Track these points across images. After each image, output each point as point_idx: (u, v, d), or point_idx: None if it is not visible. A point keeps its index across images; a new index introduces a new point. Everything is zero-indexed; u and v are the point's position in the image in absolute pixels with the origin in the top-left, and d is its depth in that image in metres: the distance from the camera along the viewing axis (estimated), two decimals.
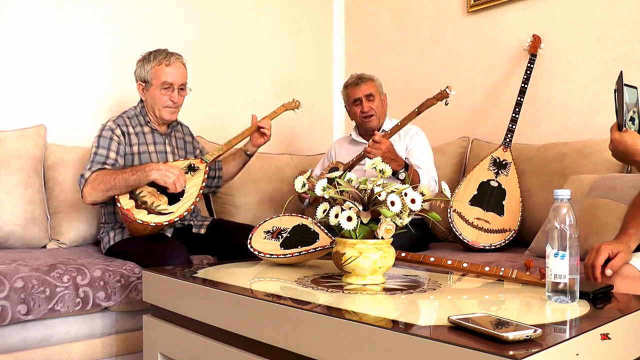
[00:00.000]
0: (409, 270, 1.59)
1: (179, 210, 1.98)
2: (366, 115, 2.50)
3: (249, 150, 2.39)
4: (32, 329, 1.72)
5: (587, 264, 1.39)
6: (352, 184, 1.39)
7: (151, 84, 2.14)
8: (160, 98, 2.15)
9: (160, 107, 2.16)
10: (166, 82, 2.13)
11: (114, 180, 1.96)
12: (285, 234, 1.72)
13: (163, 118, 2.19)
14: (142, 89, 2.18)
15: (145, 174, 1.96)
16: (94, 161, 2.04)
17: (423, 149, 2.47)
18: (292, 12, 3.40)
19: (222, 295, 1.30)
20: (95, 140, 2.10)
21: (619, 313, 1.07)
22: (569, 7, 2.55)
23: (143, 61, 2.17)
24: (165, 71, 2.13)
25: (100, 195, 1.99)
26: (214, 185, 2.45)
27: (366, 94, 2.49)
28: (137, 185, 1.99)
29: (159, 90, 2.14)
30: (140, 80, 2.17)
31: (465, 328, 0.91)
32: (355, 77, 2.56)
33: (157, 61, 2.13)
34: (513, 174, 2.34)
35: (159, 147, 2.23)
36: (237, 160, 2.43)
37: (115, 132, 2.11)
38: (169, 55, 2.15)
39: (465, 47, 2.95)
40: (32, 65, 2.46)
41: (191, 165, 2.14)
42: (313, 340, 1.06)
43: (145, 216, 1.93)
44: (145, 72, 2.14)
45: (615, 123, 1.42)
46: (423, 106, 2.24)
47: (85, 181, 2.00)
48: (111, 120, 2.16)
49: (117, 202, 1.97)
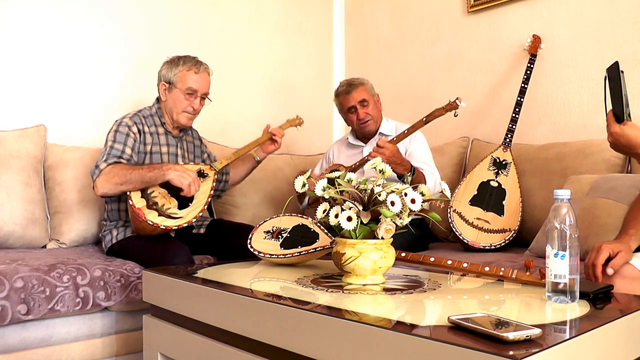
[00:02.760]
0: (409, 270, 1.59)
1: (188, 216, 1.99)
2: (363, 121, 2.49)
3: (258, 157, 2.45)
4: (32, 329, 1.72)
5: (588, 264, 1.38)
6: (352, 184, 1.39)
7: (175, 86, 2.17)
8: (182, 102, 2.18)
9: (180, 110, 2.19)
10: (191, 88, 2.17)
11: (130, 175, 1.96)
12: (285, 234, 1.72)
13: (179, 122, 2.21)
14: (165, 89, 2.19)
15: (162, 173, 1.96)
16: (110, 154, 2.04)
17: (424, 151, 2.46)
18: (292, 12, 3.40)
19: (222, 295, 1.30)
20: (112, 134, 2.10)
21: (619, 313, 1.07)
22: (569, 7, 2.55)
23: (171, 63, 2.19)
24: (192, 77, 2.17)
25: (112, 188, 1.99)
26: (219, 189, 2.46)
27: (359, 101, 2.47)
28: (152, 182, 1.99)
29: (183, 94, 2.17)
30: (164, 80, 2.19)
31: (465, 328, 0.91)
32: (345, 84, 2.52)
33: (187, 67, 2.17)
34: (513, 174, 2.34)
35: (171, 149, 2.23)
36: (246, 165, 2.47)
37: (132, 129, 2.12)
38: (199, 64, 2.20)
39: (465, 47, 2.95)
40: (32, 65, 2.46)
41: (201, 171, 2.15)
42: (313, 340, 1.06)
43: (156, 218, 1.94)
44: (172, 75, 2.17)
45: (611, 113, 1.38)
46: (431, 116, 2.20)
47: (100, 172, 1.99)
48: (128, 117, 2.16)
49: (129, 200, 1.96)
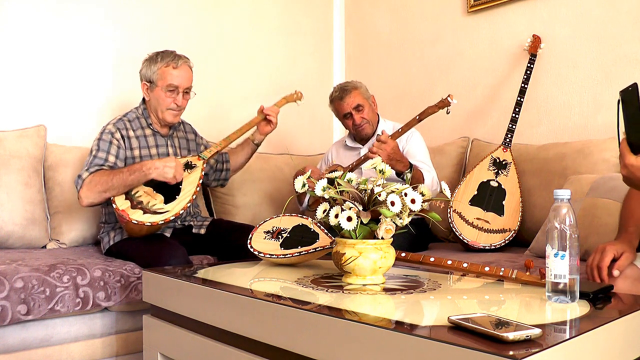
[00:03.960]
0: (409, 270, 1.59)
1: (174, 209, 1.97)
2: (359, 126, 2.49)
3: (256, 139, 2.41)
4: (32, 329, 1.72)
5: (592, 265, 1.38)
6: (352, 184, 1.39)
7: (156, 84, 2.13)
8: (165, 100, 2.14)
9: (164, 108, 2.15)
10: (172, 85, 2.12)
11: (112, 181, 1.95)
12: (285, 234, 1.71)
13: (165, 120, 2.19)
14: (147, 88, 2.17)
15: (143, 174, 1.96)
16: (92, 163, 2.03)
17: (421, 150, 2.47)
18: (292, 12, 3.40)
19: (222, 295, 1.30)
20: (95, 142, 2.09)
21: (619, 313, 1.07)
22: (569, 7, 2.55)
23: (150, 61, 2.15)
24: (171, 73, 2.12)
25: (97, 197, 1.98)
26: (222, 178, 2.45)
27: (354, 107, 2.46)
28: (136, 184, 1.99)
29: (164, 92, 2.13)
30: (145, 79, 2.16)
31: (465, 328, 0.91)
32: (338, 89, 2.50)
33: (165, 62, 2.12)
34: (513, 174, 2.34)
35: (161, 150, 2.22)
36: (245, 149, 2.44)
37: (115, 135, 2.10)
38: (177, 58, 2.14)
39: (465, 47, 2.94)
40: (32, 65, 2.46)
41: (188, 162, 2.13)
42: (313, 340, 1.06)
43: (141, 216, 1.93)
44: (152, 73, 2.13)
45: (625, 142, 1.23)
46: (424, 114, 2.22)
47: (82, 182, 1.98)
48: (111, 124, 2.14)
49: (113, 203, 1.96)
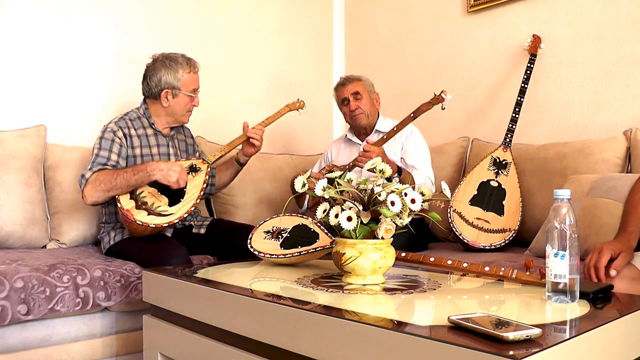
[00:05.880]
0: (409, 270, 1.59)
1: (179, 212, 1.98)
2: (354, 113, 2.52)
3: (240, 159, 2.33)
4: (32, 329, 1.72)
5: (590, 265, 1.38)
6: (352, 184, 1.39)
7: (181, 90, 2.16)
8: (188, 104, 2.20)
9: (185, 112, 2.21)
10: (195, 89, 2.20)
11: (115, 180, 1.96)
12: (285, 234, 1.71)
13: (183, 122, 2.25)
14: (169, 95, 2.16)
15: (147, 175, 1.97)
16: (95, 162, 2.04)
17: (419, 149, 2.48)
18: (292, 12, 3.40)
19: (222, 295, 1.30)
20: (97, 141, 2.10)
21: (618, 313, 1.07)
22: (569, 7, 2.55)
23: (170, 68, 2.14)
24: (193, 78, 2.20)
25: (101, 196, 1.99)
26: (206, 192, 2.38)
27: (352, 93, 2.52)
28: (139, 185, 1.99)
29: (188, 97, 2.18)
30: (168, 87, 2.14)
31: (465, 328, 0.91)
32: (343, 78, 2.61)
33: (186, 69, 2.17)
34: (513, 174, 2.34)
35: (162, 150, 2.22)
36: (229, 169, 2.37)
37: (117, 134, 2.11)
38: (192, 63, 2.21)
39: (465, 47, 2.94)
40: (32, 65, 2.46)
41: (193, 165, 2.13)
42: (313, 340, 1.06)
43: (145, 217, 1.93)
44: (176, 80, 2.15)
45: None
46: (418, 111, 2.25)
47: (86, 181, 1.99)
48: (113, 122, 2.15)
49: (118, 202, 1.97)
